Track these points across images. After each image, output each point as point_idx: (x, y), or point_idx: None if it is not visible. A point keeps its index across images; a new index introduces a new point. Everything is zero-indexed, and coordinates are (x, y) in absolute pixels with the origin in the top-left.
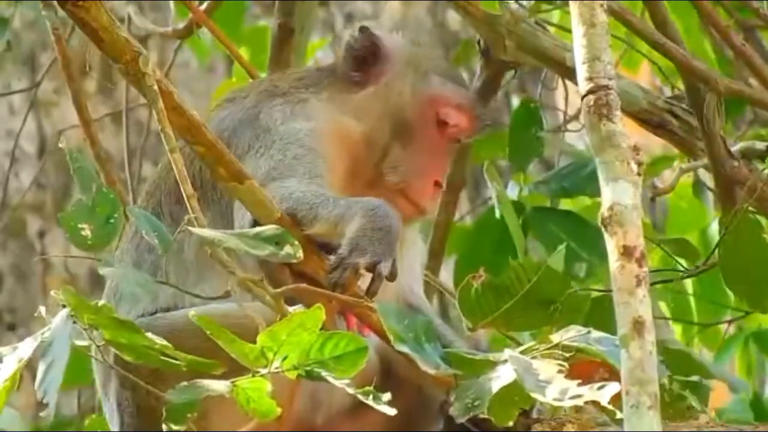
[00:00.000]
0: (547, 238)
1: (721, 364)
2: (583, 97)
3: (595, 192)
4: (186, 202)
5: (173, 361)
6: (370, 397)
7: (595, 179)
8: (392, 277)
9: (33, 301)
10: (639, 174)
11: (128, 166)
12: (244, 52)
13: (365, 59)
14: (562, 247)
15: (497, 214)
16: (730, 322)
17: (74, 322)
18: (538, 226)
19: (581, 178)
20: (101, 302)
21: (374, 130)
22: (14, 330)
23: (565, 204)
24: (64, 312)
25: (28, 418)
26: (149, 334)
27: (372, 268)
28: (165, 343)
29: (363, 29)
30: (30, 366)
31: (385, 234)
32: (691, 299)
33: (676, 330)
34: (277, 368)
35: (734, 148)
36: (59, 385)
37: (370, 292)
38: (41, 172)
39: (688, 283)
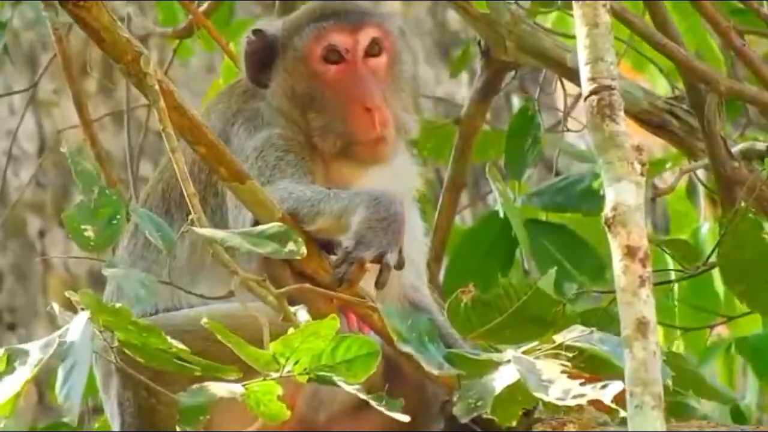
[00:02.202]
0: (539, 254)
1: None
2: (586, 98)
3: (590, 210)
4: (187, 203)
5: (187, 364)
6: (383, 402)
7: (590, 197)
8: (399, 266)
9: (33, 301)
10: (642, 174)
11: (130, 167)
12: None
13: (263, 59)
14: (552, 271)
15: (501, 214)
16: (712, 326)
17: None
18: (530, 240)
19: (576, 194)
20: (118, 305)
21: (291, 118)
22: (14, 330)
23: (556, 217)
24: (84, 315)
25: (26, 419)
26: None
27: (378, 260)
28: (182, 346)
29: (256, 32)
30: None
31: (390, 223)
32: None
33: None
34: (288, 372)
35: (734, 149)
36: (83, 388)
37: (379, 283)
38: (41, 171)
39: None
